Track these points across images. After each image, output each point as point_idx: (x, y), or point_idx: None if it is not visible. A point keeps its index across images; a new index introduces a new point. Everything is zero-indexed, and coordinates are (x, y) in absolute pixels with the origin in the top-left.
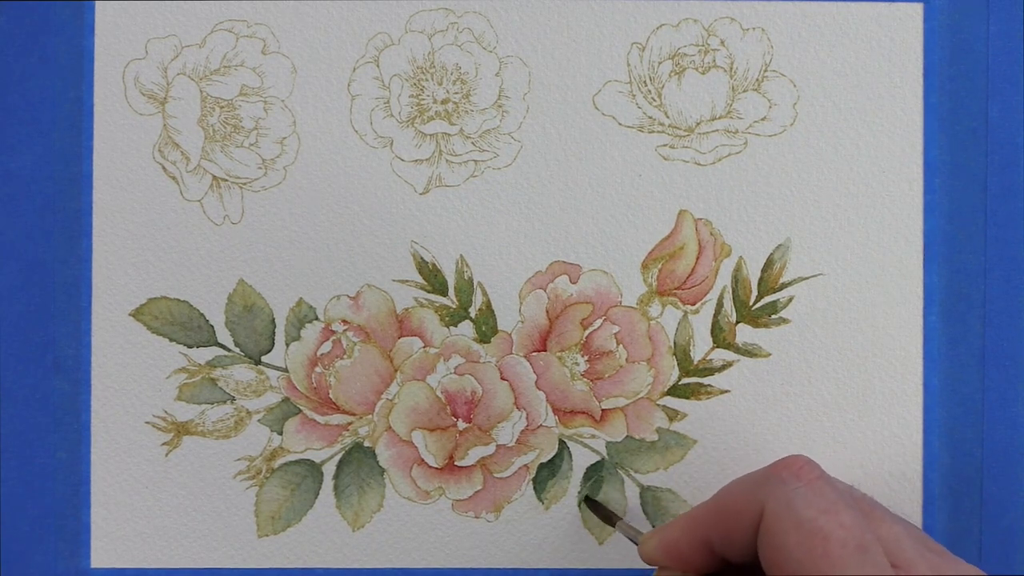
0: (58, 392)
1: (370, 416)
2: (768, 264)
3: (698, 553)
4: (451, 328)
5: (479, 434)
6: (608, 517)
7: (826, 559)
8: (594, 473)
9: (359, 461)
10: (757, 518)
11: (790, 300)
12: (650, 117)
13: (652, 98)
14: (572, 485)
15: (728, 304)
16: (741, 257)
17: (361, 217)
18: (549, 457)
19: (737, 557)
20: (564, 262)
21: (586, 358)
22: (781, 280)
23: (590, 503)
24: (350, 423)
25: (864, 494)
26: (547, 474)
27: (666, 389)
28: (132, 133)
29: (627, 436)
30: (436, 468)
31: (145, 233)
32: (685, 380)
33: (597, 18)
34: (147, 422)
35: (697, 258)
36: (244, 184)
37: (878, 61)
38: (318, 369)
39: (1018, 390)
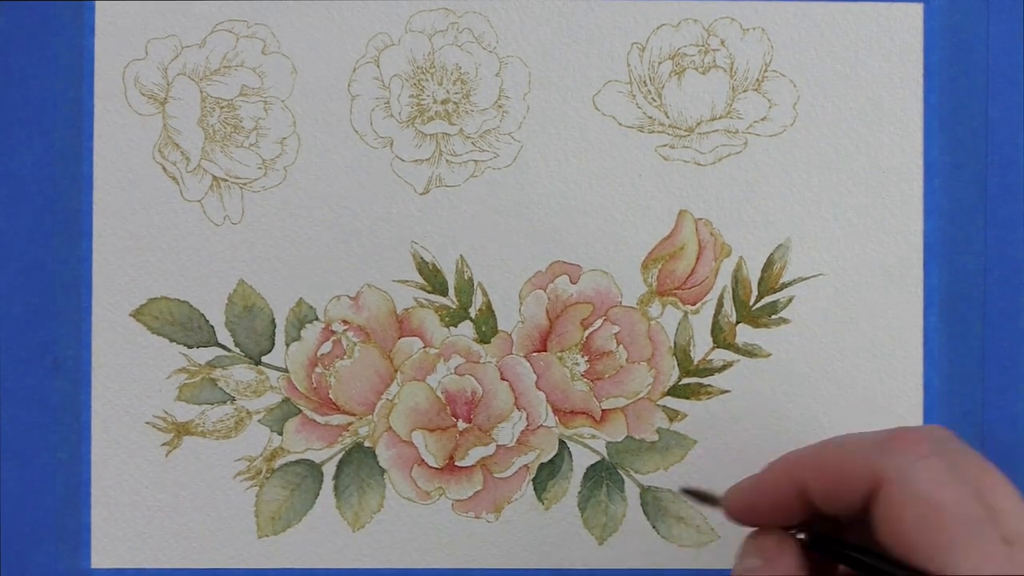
0: (58, 392)
1: (370, 416)
2: (768, 264)
3: (793, 501)
4: (451, 328)
5: (479, 434)
6: (710, 499)
7: (940, 532)
8: (594, 473)
9: (359, 461)
10: (872, 485)
11: (790, 300)
12: (650, 117)
13: (652, 98)
14: (572, 485)
15: (728, 304)
16: (741, 257)
17: (361, 217)
18: (549, 457)
19: (840, 514)
20: (564, 262)
21: (586, 358)
22: (781, 280)
23: (688, 492)
24: (350, 423)
25: (990, 466)
26: (547, 474)
27: (666, 389)
28: (132, 133)
29: (627, 436)
30: (436, 468)
31: (145, 233)
32: (685, 380)
33: (597, 18)
34: (147, 422)
35: (697, 258)
36: (244, 184)
37: (878, 61)
38: (318, 369)
39: (1018, 390)
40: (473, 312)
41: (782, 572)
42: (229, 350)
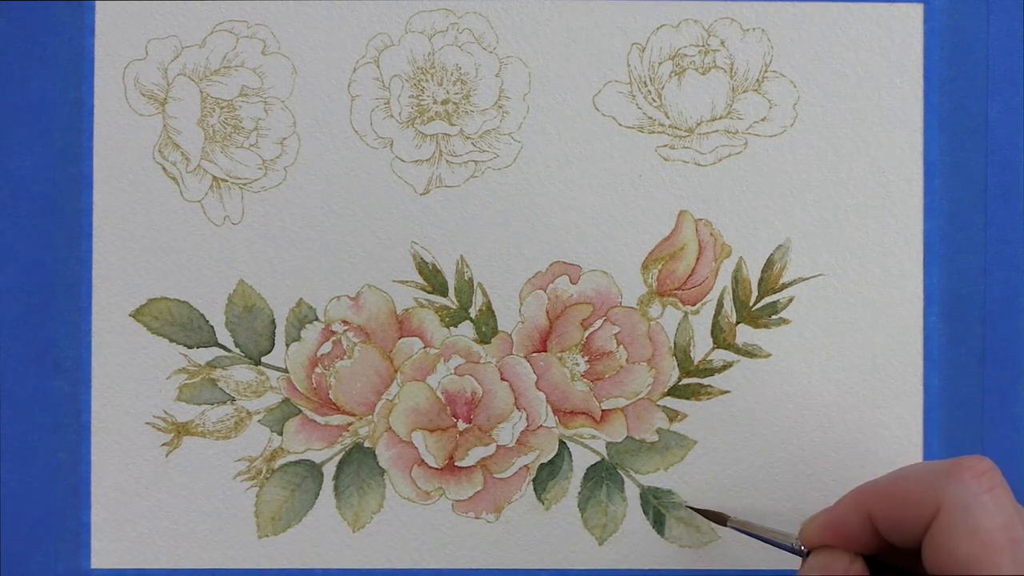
0: (58, 392)
1: (370, 417)
2: (768, 264)
3: (864, 532)
4: (451, 329)
5: (479, 435)
6: (718, 517)
7: (995, 572)
8: (594, 474)
9: (359, 462)
10: (932, 512)
11: (790, 301)
12: (650, 118)
13: (652, 98)
14: (572, 486)
15: (728, 305)
16: (741, 257)
17: (361, 217)
18: (549, 458)
19: (902, 543)
20: (564, 262)
21: (586, 359)
22: (781, 280)
23: (696, 509)
24: (350, 424)
25: None
26: (547, 475)
27: (666, 390)
28: (132, 133)
29: (627, 437)
30: (436, 469)
31: (145, 233)
32: (685, 381)
33: (597, 18)
34: (147, 423)
35: (697, 258)
36: (244, 184)
37: (878, 61)
38: (318, 370)
39: (1018, 390)
40: (473, 312)
41: (836, 573)
42: (229, 350)
